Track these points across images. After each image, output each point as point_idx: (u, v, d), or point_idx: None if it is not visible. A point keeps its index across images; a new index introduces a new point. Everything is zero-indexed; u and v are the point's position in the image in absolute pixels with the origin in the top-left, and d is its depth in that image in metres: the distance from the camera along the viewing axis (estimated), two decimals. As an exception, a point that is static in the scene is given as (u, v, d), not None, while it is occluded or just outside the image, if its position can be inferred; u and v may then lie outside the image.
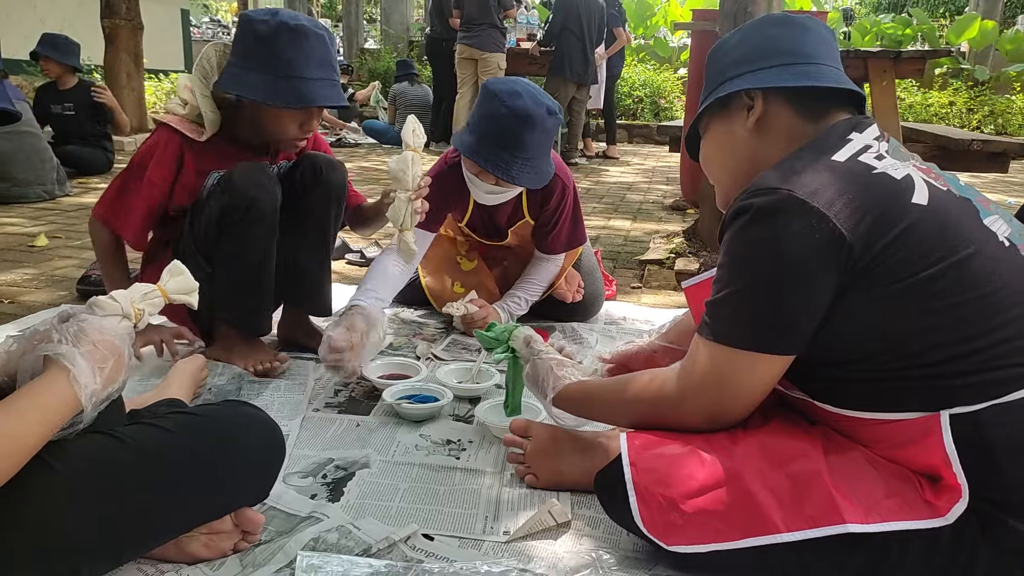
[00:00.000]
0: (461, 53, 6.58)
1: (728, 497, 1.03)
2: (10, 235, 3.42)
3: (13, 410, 0.88)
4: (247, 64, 1.70)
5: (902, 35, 12.78)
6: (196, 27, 15.49)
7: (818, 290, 1.01)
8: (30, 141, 4.22)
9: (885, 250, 0.98)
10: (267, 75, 1.67)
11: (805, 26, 1.21)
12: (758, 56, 1.20)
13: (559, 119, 1.96)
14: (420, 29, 13.00)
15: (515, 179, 1.90)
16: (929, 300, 0.98)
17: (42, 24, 7.80)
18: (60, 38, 4.83)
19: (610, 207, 4.76)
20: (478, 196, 2.08)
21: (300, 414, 1.67)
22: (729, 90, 1.20)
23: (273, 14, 1.70)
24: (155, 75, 8.47)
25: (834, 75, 1.17)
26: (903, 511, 0.99)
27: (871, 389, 1.04)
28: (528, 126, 1.87)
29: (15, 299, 2.48)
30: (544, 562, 1.17)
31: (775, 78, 1.17)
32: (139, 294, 1.10)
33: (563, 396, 1.35)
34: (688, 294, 1.33)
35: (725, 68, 1.24)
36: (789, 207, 1.00)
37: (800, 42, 1.19)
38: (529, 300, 2.30)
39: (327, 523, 1.23)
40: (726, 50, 1.26)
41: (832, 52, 1.21)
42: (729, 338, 1.06)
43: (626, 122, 9.92)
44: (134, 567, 1.09)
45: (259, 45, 1.68)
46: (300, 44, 1.67)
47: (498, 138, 1.88)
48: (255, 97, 1.69)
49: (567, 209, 2.22)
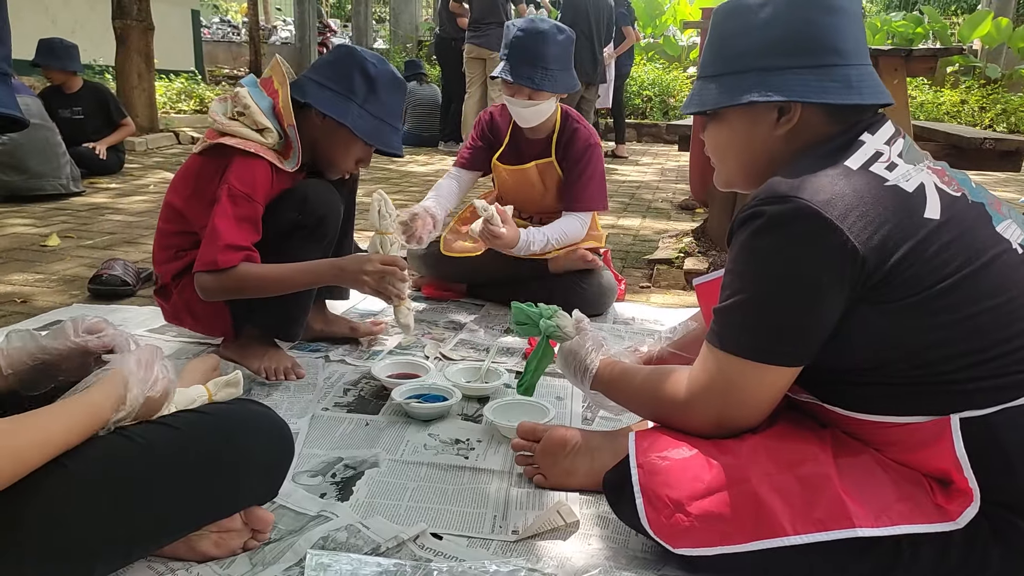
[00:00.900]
0: (470, 53, 6.58)
1: (735, 500, 1.02)
2: (22, 235, 3.45)
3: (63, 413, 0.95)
4: (346, 93, 1.79)
5: (913, 33, 12.69)
6: (206, 28, 15.56)
7: (829, 303, 0.99)
8: (44, 134, 4.23)
9: (898, 264, 0.97)
10: (366, 112, 1.80)
11: (844, 10, 1.09)
12: (796, 48, 1.08)
13: (570, 36, 2.31)
14: (429, 29, 13.01)
15: (538, 85, 2.24)
16: (942, 312, 0.97)
17: (53, 25, 7.86)
18: (56, 43, 4.76)
19: (619, 206, 4.75)
20: (518, 117, 2.38)
21: (309, 413, 1.68)
22: (770, 97, 1.08)
23: (380, 59, 1.85)
24: (166, 75, 8.52)
25: (872, 80, 1.11)
26: (913, 515, 0.98)
27: (882, 393, 1.04)
28: (541, 40, 2.24)
29: (28, 299, 2.50)
30: (553, 562, 1.17)
31: (821, 89, 1.07)
32: (185, 399, 1.18)
33: (596, 378, 1.32)
34: (699, 292, 1.31)
35: (752, 52, 1.11)
36: (802, 217, 0.98)
37: (842, 35, 1.09)
38: (549, 239, 2.36)
39: (336, 522, 1.23)
40: (754, 26, 1.11)
41: (864, 37, 1.12)
42: (737, 348, 1.05)
43: (635, 121, 9.90)
44: (145, 565, 1.10)
45: (364, 81, 1.79)
46: (398, 96, 1.88)
47: (520, 56, 2.25)
48: (359, 132, 1.79)
49: (592, 163, 2.41)
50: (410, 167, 6.38)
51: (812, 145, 1.11)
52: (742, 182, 1.24)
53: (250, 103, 1.75)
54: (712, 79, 1.16)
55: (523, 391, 1.47)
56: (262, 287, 1.74)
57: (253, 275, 1.70)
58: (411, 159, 6.90)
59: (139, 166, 5.63)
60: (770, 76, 1.09)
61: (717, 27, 1.17)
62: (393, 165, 6.39)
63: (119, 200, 4.39)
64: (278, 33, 17.33)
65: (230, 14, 20.02)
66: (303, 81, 1.82)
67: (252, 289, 1.74)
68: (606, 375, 1.30)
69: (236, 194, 1.70)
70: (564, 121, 2.44)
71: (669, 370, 1.20)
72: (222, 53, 14.57)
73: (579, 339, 1.37)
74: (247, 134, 1.74)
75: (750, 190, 1.24)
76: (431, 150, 7.60)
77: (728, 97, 1.13)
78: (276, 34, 17.17)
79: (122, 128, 5.09)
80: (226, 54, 14.56)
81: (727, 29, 1.15)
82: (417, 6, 14.52)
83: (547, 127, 2.42)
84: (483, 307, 2.55)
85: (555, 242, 2.39)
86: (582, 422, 1.70)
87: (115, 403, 0.99)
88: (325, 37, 14.56)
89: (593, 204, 2.44)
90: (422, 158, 7.03)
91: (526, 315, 1.44)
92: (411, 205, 2.33)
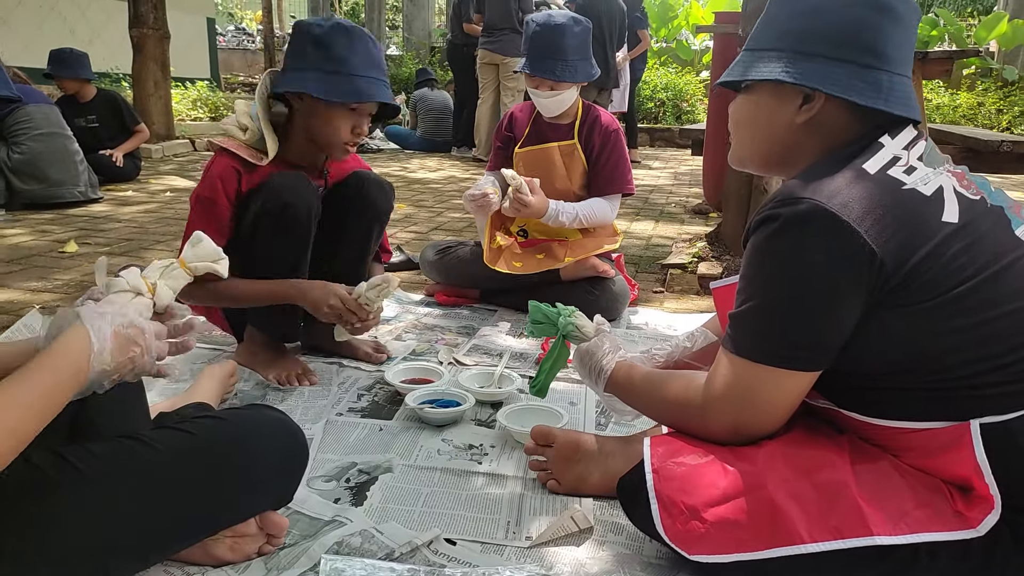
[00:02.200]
0: (483, 58, 6.60)
1: (751, 506, 1.01)
2: (41, 242, 3.49)
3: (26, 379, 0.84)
4: (301, 65, 1.75)
5: (928, 35, 12.59)
6: (222, 35, 15.71)
7: (846, 307, 0.99)
8: (61, 142, 4.28)
9: (916, 268, 0.96)
10: (322, 72, 1.73)
11: (896, 16, 1.08)
12: (836, 39, 1.07)
13: (587, 27, 2.38)
14: (442, 35, 13.07)
15: (559, 77, 2.33)
16: (960, 316, 0.96)
17: (72, 35, 7.97)
18: (66, 53, 4.82)
19: (632, 211, 4.74)
20: (542, 107, 2.45)
21: (323, 418, 1.68)
22: (796, 80, 1.08)
23: (327, 19, 1.78)
24: (182, 83, 8.60)
25: (905, 91, 1.09)
26: (932, 522, 0.97)
27: (900, 398, 1.03)
28: (559, 34, 2.31)
29: (46, 304, 2.53)
30: (567, 568, 1.17)
31: (848, 85, 1.06)
32: (156, 269, 1.06)
33: (610, 380, 1.31)
34: (716, 296, 1.30)
35: (795, 33, 1.10)
36: (818, 220, 0.97)
37: (885, 38, 1.07)
38: (579, 214, 2.43)
39: (350, 527, 1.24)
40: (803, 10, 1.11)
41: (911, 48, 1.11)
42: (753, 353, 1.04)
43: (648, 125, 9.89)
44: (161, 569, 1.11)
45: (314, 46, 1.74)
46: (353, 44, 1.75)
47: (540, 51, 2.34)
48: (311, 92, 1.72)
49: (617, 147, 2.49)
50: (421, 173, 6.40)
51: (831, 145, 1.10)
52: (755, 162, 1.22)
53: (239, 108, 1.83)
54: (755, 52, 1.16)
55: (536, 391, 1.46)
56: (229, 297, 1.80)
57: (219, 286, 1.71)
58: (422, 165, 6.92)
59: (155, 173, 5.68)
60: (802, 60, 1.08)
61: (771, 4, 1.16)
62: (404, 172, 6.41)
63: (135, 207, 4.44)
64: (292, 40, 17.45)
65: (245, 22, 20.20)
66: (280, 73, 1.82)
67: (222, 299, 1.82)
68: (621, 378, 1.29)
69: (198, 197, 1.80)
70: (586, 109, 2.52)
71: (686, 375, 1.20)
72: (237, 61, 14.69)
73: (597, 340, 1.36)
74: (233, 132, 1.81)
75: (761, 172, 1.25)
76: (443, 156, 7.62)
77: (758, 72, 1.13)
78: (290, 41, 17.29)
79: (137, 135, 5.15)
80: (241, 61, 14.68)
81: (779, 6, 1.14)
82: (430, 13, 14.59)
83: (569, 114, 2.50)
84: (496, 312, 2.55)
85: (584, 219, 2.45)
86: (596, 427, 1.69)
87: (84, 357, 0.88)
88: (339, 44, 14.65)
89: (621, 187, 2.51)
90: (433, 163, 7.05)
91: (543, 314, 1.43)
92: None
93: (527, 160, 2.53)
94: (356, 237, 1.99)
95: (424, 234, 3.86)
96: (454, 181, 5.99)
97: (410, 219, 4.25)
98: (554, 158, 2.51)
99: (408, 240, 3.70)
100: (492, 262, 2.45)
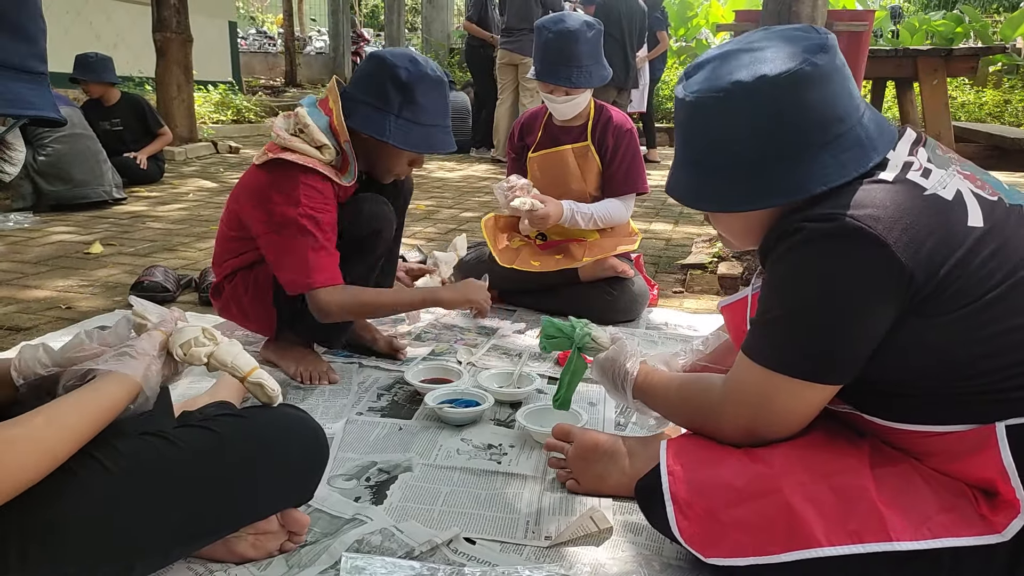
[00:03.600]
0: (502, 58, 6.61)
1: (767, 509, 1.01)
2: (66, 243, 3.55)
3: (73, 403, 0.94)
4: (381, 105, 1.78)
5: (953, 33, 12.41)
6: (243, 39, 15.86)
7: (873, 321, 0.97)
8: (86, 143, 4.35)
9: (946, 278, 0.94)
10: (402, 120, 1.78)
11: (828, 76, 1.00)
12: (795, 141, 1.01)
13: (599, 30, 2.39)
14: (461, 36, 13.10)
15: (575, 83, 2.33)
16: (990, 323, 0.95)
17: (97, 40, 8.08)
18: (91, 57, 4.90)
19: (651, 211, 4.72)
20: (556, 112, 2.45)
21: (344, 417, 1.70)
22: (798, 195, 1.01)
23: (412, 62, 1.80)
24: (204, 86, 8.69)
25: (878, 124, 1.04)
26: (956, 527, 0.96)
27: (924, 403, 1.01)
28: (572, 40, 2.30)
29: (71, 305, 2.57)
30: (586, 568, 1.16)
31: (839, 167, 0.99)
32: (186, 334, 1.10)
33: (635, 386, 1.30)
34: (725, 313, 1.28)
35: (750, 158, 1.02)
36: (846, 233, 0.95)
37: (837, 100, 1.01)
38: (595, 214, 2.45)
39: (370, 525, 1.24)
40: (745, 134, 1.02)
41: (852, 84, 1.04)
42: (774, 363, 1.03)
43: (667, 125, 9.83)
44: (184, 566, 1.12)
45: (398, 90, 1.78)
46: (435, 94, 1.82)
47: (554, 58, 2.33)
48: (399, 144, 1.79)
49: (631, 147, 2.49)
50: (440, 173, 6.42)
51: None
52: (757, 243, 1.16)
53: (309, 122, 1.79)
54: (717, 171, 1.07)
55: (559, 406, 1.47)
56: (377, 306, 1.90)
57: (365, 298, 1.83)
58: (441, 165, 6.94)
59: (178, 175, 5.75)
60: (785, 166, 1.01)
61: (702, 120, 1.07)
62: (423, 172, 6.43)
63: (159, 208, 4.49)
64: (313, 43, 17.58)
65: (266, 25, 20.37)
66: (347, 97, 1.83)
67: (369, 309, 1.91)
68: (643, 382, 1.28)
69: (304, 217, 1.73)
70: (599, 110, 2.51)
71: (703, 377, 1.19)
72: (258, 64, 14.81)
73: (616, 348, 1.35)
74: (307, 150, 1.78)
75: None
76: (462, 156, 7.64)
77: (751, 200, 1.05)
78: (311, 44, 17.42)
79: (160, 137, 5.22)
80: (262, 65, 14.81)
81: (717, 124, 1.05)
82: (449, 14, 14.63)
83: (582, 116, 2.50)
84: (515, 312, 2.55)
85: (600, 220, 2.46)
86: (615, 427, 1.69)
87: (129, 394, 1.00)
88: (359, 46, 14.75)
89: (635, 187, 2.52)
90: (452, 164, 7.07)
91: (557, 328, 1.43)
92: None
93: (541, 164, 2.53)
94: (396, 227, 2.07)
95: (444, 233, 3.88)
96: (473, 181, 6.00)
97: (430, 218, 4.27)
98: (568, 161, 2.50)
99: (428, 239, 3.71)
100: (508, 262, 2.45)
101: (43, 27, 0.87)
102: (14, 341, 2.19)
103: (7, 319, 2.40)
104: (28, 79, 0.84)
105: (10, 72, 0.82)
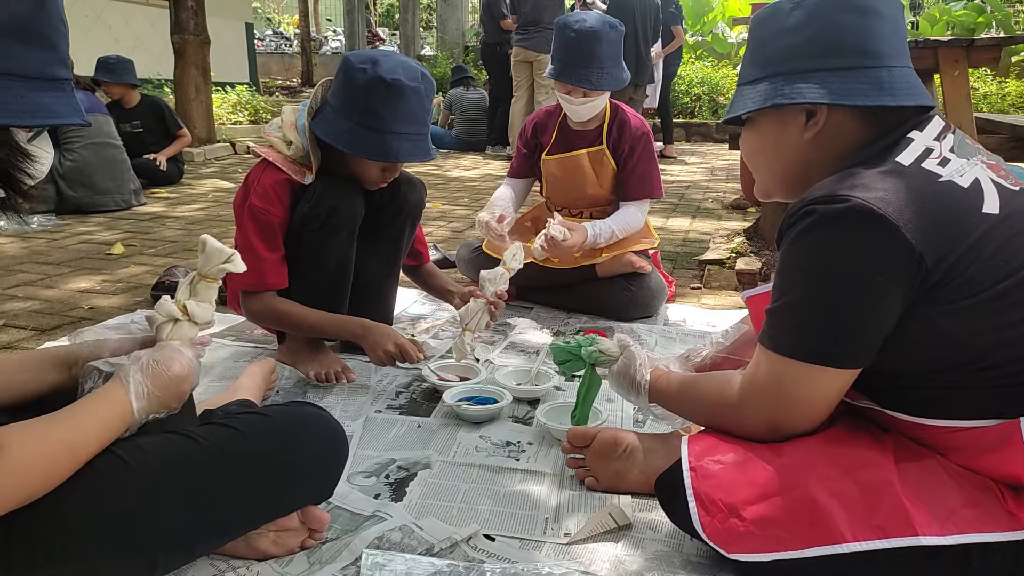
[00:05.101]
0: (517, 56, 6.60)
1: (791, 504, 1.00)
2: (89, 243, 3.59)
3: (72, 420, 0.94)
4: (340, 110, 1.76)
5: (975, 23, 12.23)
6: (260, 40, 15.98)
7: (886, 303, 0.96)
8: (111, 152, 4.42)
9: (958, 263, 0.94)
10: (357, 125, 1.73)
11: (878, 12, 1.07)
12: (824, 50, 1.07)
13: (620, 30, 2.34)
14: (475, 35, 13.11)
15: (595, 85, 2.28)
16: (1006, 312, 0.94)
17: (116, 43, 8.17)
18: (112, 59, 4.97)
19: (668, 207, 4.70)
20: (573, 114, 2.41)
21: (363, 415, 1.71)
22: (793, 99, 1.08)
23: (373, 62, 1.72)
24: (222, 87, 8.77)
25: (909, 82, 1.08)
26: (982, 522, 0.94)
27: (946, 396, 1.00)
28: (595, 41, 2.26)
29: (93, 304, 2.61)
30: (606, 565, 1.16)
31: (847, 91, 1.05)
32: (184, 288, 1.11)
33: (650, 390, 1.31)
34: (749, 304, 1.28)
35: (781, 55, 1.10)
36: (857, 215, 0.95)
37: (874, 36, 1.06)
38: (614, 230, 2.41)
39: (390, 522, 1.25)
40: (782, 30, 1.11)
41: (904, 39, 1.10)
42: (790, 349, 1.02)
43: (683, 120, 9.78)
44: (207, 563, 1.13)
45: (354, 94, 1.73)
46: (392, 101, 1.71)
47: (575, 58, 2.28)
48: (341, 147, 1.75)
49: (647, 151, 2.45)
50: (456, 172, 6.43)
51: (850, 151, 1.08)
52: (779, 190, 1.22)
53: (285, 117, 1.83)
54: (747, 86, 1.16)
55: (577, 421, 1.48)
56: (297, 326, 1.86)
57: (265, 314, 1.84)
58: (457, 164, 6.95)
59: (197, 176, 5.80)
60: (796, 79, 1.09)
61: (752, 33, 1.18)
62: (439, 171, 6.44)
63: (179, 209, 4.54)
64: (328, 43, 17.68)
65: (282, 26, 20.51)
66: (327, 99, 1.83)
67: (289, 327, 1.89)
68: (658, 386, 1.29)
69: (256, 209, 1.80)
70: (614, 112, 2.48)
71: (721, 375, 1.19)
72: (275, 64, 14.93)
73: (625, 357, 1.36)
74: (277, 144, 1.82)
75: (787, 199, 1.22)
76: (478, 155, 7.64)
77: (753, 102, 1.13)
78: (327, 44, 17.52)
79: (179, 139, 5.28)
80: (279, 65, 14.92)
81: (760, 35, 1.15)
82: (464, 13, 14.65)
83: (597, 118, 2.46)
84: (532, 309, 2.55)
85: (620, 233, 2.43)
86: (633, 424, 1.69)
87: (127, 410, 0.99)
88: (374, 46, 14.82)
89: (649, 191, 2.48)
90: (468, 162, 7.08)
91: (566, 351, 1.45)
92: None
93: (556, 168, 2.52)
94: (390, 233, 2.02)
95: (460, 232, 3.88)
96: (489, 179, 6.00)
97: (445, 217, 4.28)
98: (583, 165, 2.48)
99: (444, 238, 3.72)
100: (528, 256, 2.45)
101: (64, 32, 0.85)
102: (39, 341, 2.23)
103: (31, 319, 2.44)
104: (50, 86, 0.83)
105: (31, 82, 0.80)
